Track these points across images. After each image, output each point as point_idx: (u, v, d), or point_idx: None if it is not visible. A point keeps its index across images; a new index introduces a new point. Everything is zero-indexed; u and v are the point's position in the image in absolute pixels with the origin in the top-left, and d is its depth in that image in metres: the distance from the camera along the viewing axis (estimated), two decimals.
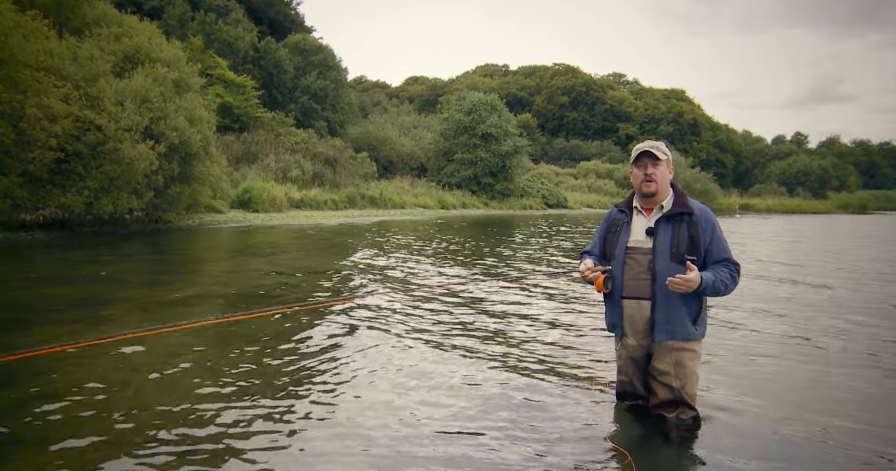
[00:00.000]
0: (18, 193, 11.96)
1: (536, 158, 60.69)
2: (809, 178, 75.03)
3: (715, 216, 3.08)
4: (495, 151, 37.07)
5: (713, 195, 53.38)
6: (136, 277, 8.13)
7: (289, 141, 29.23)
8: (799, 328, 5.73)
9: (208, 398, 3.43)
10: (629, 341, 3.11)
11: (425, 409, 3.35)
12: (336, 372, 4.00)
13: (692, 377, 3.02)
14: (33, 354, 4.20)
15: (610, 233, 3.20)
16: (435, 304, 6.44)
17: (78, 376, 3.79)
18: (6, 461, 2.63)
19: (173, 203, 15.73)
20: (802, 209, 60.49)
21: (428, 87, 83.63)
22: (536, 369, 4.16)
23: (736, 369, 4.27)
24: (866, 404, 3.65)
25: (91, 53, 14.13)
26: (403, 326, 5.34)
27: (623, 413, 3.29)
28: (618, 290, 3.08)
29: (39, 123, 11.82)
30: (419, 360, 4.31)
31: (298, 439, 2.93)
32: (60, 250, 10.79)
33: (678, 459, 2.83)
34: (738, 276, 2.97)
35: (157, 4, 34.50)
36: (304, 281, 7.75)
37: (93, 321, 5.24)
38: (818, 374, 4.26)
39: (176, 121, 14.48)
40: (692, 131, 76.94)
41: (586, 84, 79.49)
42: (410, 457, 2.75)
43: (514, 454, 2.80)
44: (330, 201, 25.33)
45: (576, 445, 2.92)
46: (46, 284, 7.20)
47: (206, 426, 3.04)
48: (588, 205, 45.89)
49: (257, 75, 33.88)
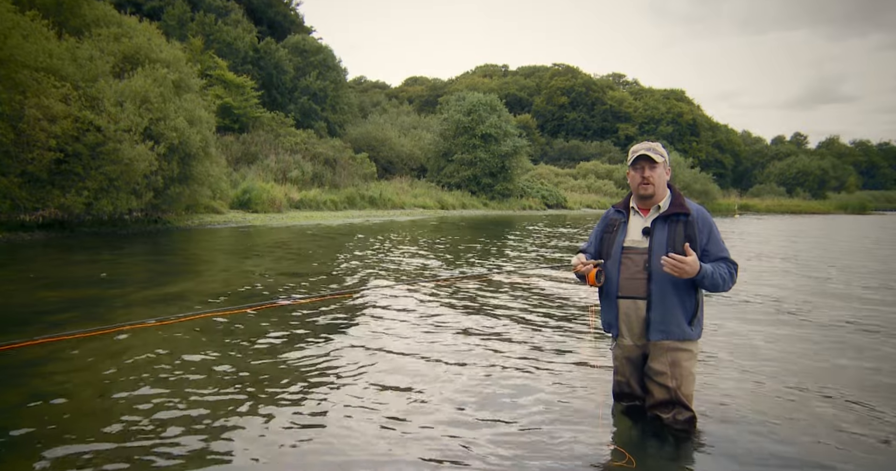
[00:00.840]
0: (18, 193, 11.97)
1: (536, 159, 60.69)
2: (809, 178, 75.04)
3: (711, 217, 3.09)
4: (495, 151, 37.09)
5: (712, 196, 53.38)
6: (136, 277, 8.14)
7: (288, 141, 29.24)
8: (797, 328, 5.75)
9: (207, 396, 3.44)
10: (625, 341, 3.12)
11: (420, 407, 3.36)
12: (330, 368, 4.01)
13: (688, 377, 3.03)
14: (30, 343, 4.20)
15: (607, 233, 3.21)
16: (433, 303, 6.45)
17: (77, 375, 3.80)
18: (6, 461, 2.63)
19: (173, 204, 15.73)
20: (802, 210, 60.50)
21: (427, 87, 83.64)
22: (534, 368, 4.17)
23: (732, 370, 4.28)
24: (867, 403, 3.66)
25: (90, 54, 14.13)
26: (403, 327, 5.35)
27: (620, 413, 3.29)
28: (613, 289, 3.09)
29: (39, 123, 11.82)
30: (415, 357, 4.32)
31: (293, 436, 2.94)
32: (60, 251, 10.80)
33: (675, 459, 2.84)
34: (736, 274, 2.98)
35: (157, 5, 34.51)
36: (304, 281, 7.76)
37: (92, 321, 5.25)
38: (817, 373, 4.27)
39: (175, 121, 14.49)
40: (692, 132, 76.94)
41: (586, 84, 79.51)
42: (403, 455, 2.76)
43: (511, 454, 2.81)
44: (329, 202, 25.34)
45: (574, 445, 2.93)
46: (46, 285, 7.20)
47: (207, 426, 3.05)
48: (587, 205, 45.91)
49: (257, 76, 33.91)
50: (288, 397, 3.52)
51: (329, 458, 2.74)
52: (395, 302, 6.53)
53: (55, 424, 3.04)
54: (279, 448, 2.83)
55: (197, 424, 3.08)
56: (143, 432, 2.96)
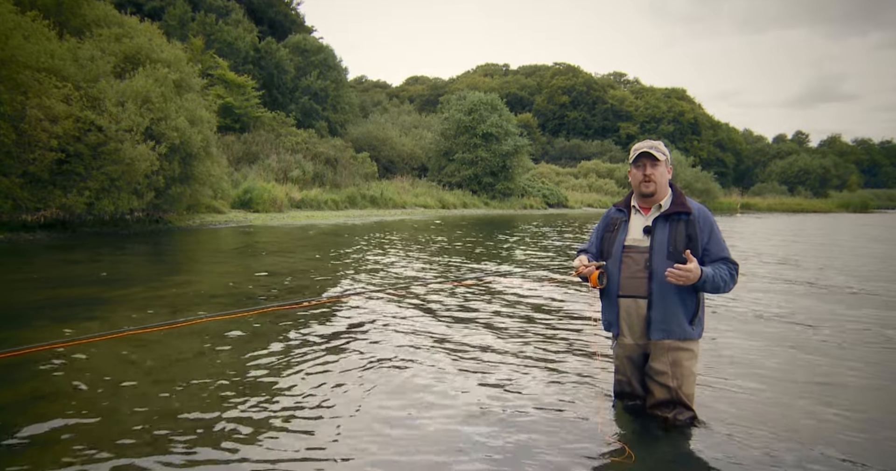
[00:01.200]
0: (19, 193, 11.98)
1: (537, 158, 60.63)
2: (810, 177, 74.87)
3: (713, 216, 3.09)
4: (496, 150, 37.06)
5: (714, 194, 53.29)
6: (137, 277, 8.14)
7: (289, 141, 29.24)
8: (798, 326, 5.74)
9: (207, 396, 3.44)
10: (626, 340, 3.11)
11: (421, 407, 3.36)
12: (327, 369, 4.01)
13: (689, 377, 3.02)
14: (31, 350, 4.21)
15: (608, 231, 3.21)
16: (433, 304, 6.45)
17: (77, 374, 3.81)
18: (6, 461, 2.64)
19: (174, 203, 15.74)
20: (803, 208, 60.38)
21: (428, 86, 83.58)
22: (535, 367, 4.17)
23: (733, 369, 4.27)
24: (869, 403, 3.66)
25: (92, 54, 14.13)
26: (402, 327, 5.35)
27: (621, 413, 3.29)
28: (614, 288, 3.08)
29: (40, 123, 11.83)
30: (416, 356, 4.32)
31: (294, 436, 2.95)
32: (61, 251, 10.81)
33: (675, 459, 2.84)
34: (736, 274, 2.98)
35: (158, 5, 34.52)
36: (303, 281, 7.76)
37: (93, 321, 5.26)
38: (818, 373, 4.27)
39: (177, 121, 14.49)
40: (693, 131, 76.81)
41: (587, 83, 79.38)
42: (407, 453, 2.76)
43: (512, 454, 2.81)
44: (331, 201, 25.34)
45: (575, 445, 2.93)
46: (48, 285, 7.21)
47: (206, 425, 3.05)
48: (589, 204, 45.88)
49: (258, 75, 33.90)
50: (289, 396, 3.52)
51: (329, 458, 2.74)
52: (397, 303, 6.53)
53: (55, 423, 3.04)
54: (282, 451, 2.83)
55: (197, 424, 3.08)
56: (142, 430, 2.96)
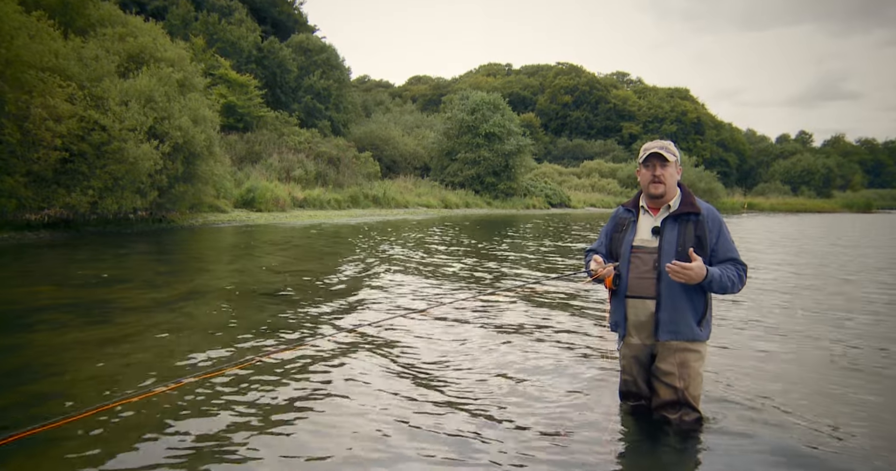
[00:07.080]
0: (23, 192, 12.00)
1: (540, 158, 60.62)
2: (814, 176, 74.68)
3: (722, 216, 3.06)
4: (498, 150, 37.05)
5: (717, 194, 53.21)
6: (140, 276, 8.14)
7: (292, 140, 29.26)
8: (805, 328, 5.71)
9: (207, 397, 3.43)
10: (633, 341, 3.09)
11: (424, 406, 3.35)
12: (336, 369, 4.00)
13: (696, 378, 3.00)
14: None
15: (616, 232, 3.19)
16: (434, 305, 6.43)
17: (77, 374, 3.80)
18: (6, 461, 2.63)
19: (177, 203, 15.76)
20: (807, 208, 60.28)
21: (431, 86, 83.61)
22: (540, 367, 4.15)
23: (740, 371, 4.25)
24: (873, 405, 3.63)
25: (96, 54, 14.15)
26: (403, 328, 5.34)
27: (627, 414, 3.27)
28: (622, 289, 3.06)
29: (44, 123, 11.84)
30: (420, 357, 4.31)
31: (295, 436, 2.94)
32: (65, 250, 10.83)
33: (681, 460, 2.82)
34: (745, 276, 2.95)
35: (161, 4, 34.57)
36: (304, 281, 7.76)
37: (93, 321, 5.25)
38: (824, 375, 4.24)
39: (180, 120, 14.51)
40: (696, 130, 76.70)
41: (589, 83, 79.32)
42: (409, 456, 2.75)
43: (515, 454, 2.80)
44: (333, 201, 25.35)
45: (579, 445, 2.91)
46: (50, 284, 7.22)
47: (206, 425, 3.04)
48: (591, 204, 45.85)
49: (260, 75, 33.92)
50: (293, 395, 3.52)
51: (334, 456, 2.73)
52: (394, 304, 6.52)
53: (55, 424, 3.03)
54: (287, 457, 2.82)
55: (197, 425, 3.08)
56: (142, 430, 2.96)
